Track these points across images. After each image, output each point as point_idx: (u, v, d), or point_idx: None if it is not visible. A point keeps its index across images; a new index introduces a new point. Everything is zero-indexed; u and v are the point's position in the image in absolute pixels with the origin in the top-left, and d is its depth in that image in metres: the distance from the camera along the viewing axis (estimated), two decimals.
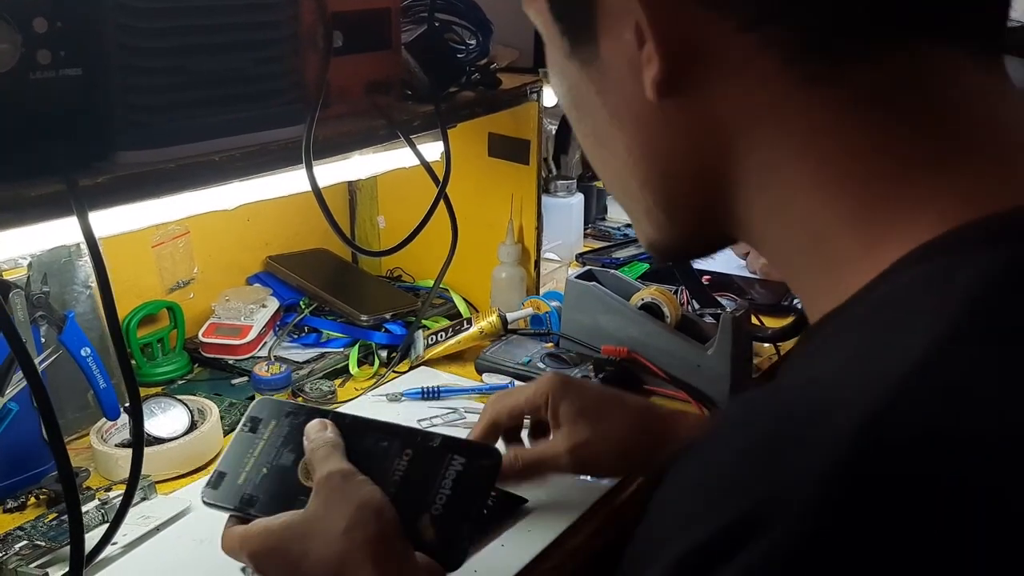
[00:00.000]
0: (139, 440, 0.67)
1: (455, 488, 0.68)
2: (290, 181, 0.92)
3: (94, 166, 0.71)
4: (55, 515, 0.84)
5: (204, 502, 0.72)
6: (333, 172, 0.98)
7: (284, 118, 0.84)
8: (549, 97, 1.23)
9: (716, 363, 1.06)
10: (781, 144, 0.39)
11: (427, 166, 1.01)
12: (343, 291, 1.28)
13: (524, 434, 0.88)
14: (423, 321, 1.25)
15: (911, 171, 0.37)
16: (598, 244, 1.73)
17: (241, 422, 0.76)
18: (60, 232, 0.74)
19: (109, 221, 0.77)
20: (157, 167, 0.74)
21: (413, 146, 0.98)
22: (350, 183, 1.43)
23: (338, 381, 1.15)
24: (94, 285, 1.03)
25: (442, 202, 1.04)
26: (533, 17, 0.47)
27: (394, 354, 1.20)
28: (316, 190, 0.87)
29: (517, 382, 1.11)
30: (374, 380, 1.15)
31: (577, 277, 1.19)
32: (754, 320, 1.20)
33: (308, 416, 0.74)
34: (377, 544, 0.63)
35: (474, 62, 1.09)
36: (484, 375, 1.15)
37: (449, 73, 1.04)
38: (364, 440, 0.72)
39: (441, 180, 1.02)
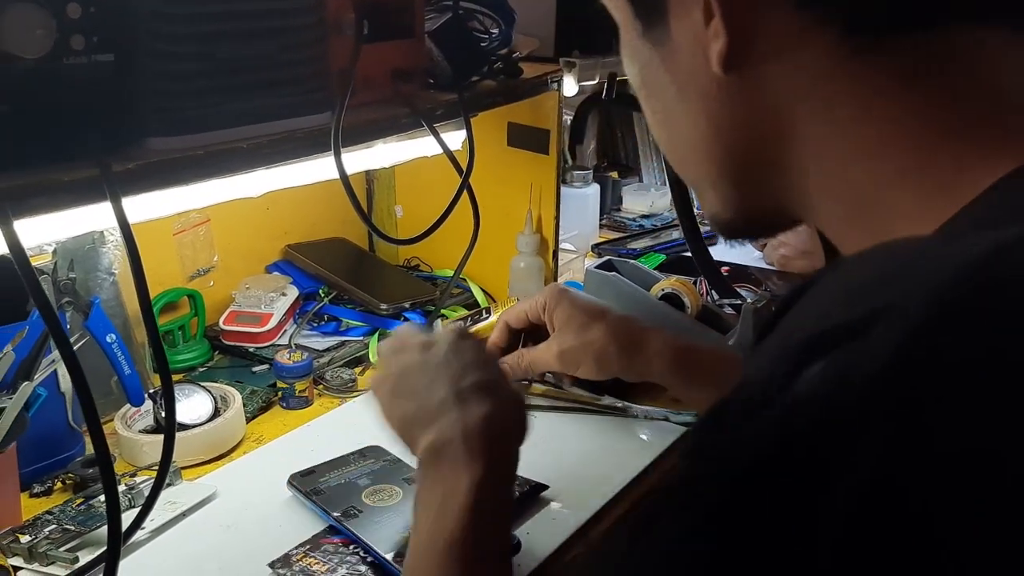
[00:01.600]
0: (171, 425, 0.67)
1: None
2: (315, 169, 0.92)
3: (125, 152, 0.71)
4: (82, 499, 0.84)
5: (288, 481, 0.86)
6: (356, 160, 0.98)
7: (310, 106, 0.84)
8: (569, 87, 1.23)
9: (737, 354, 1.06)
10: (833, 114, 0.43)
11: (450, 155, 1.01)
12: (362, 280, 1.29)
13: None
14: (441, 310, 1.25)
15: (952, 136, 0.40)
16: (613, 235, 1.73)
17: (358, 450, 0.92)
18: (84, 219, 0.75)
19: (137, 208, 0.77)
20: (187, 153, 0.74)
21: (437, 135, 0.98)
22: (367, 173, 1.44)
23: (358, 369, 1.15)
24: (117, 272, 1.03)
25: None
26: (607, 1, 0.50)
27: None
28: (344, 177, 0.87)
29: None
30: None
31: (597, 267, 1.19)
32: None
33: (397, 461, 0.89)
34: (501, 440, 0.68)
35: (496, 51, 1.09)
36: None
37: (472, 62, 1.04)
38: None
39: (464, 169, 1.01)
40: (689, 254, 1.58)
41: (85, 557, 0.76)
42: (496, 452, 0.65)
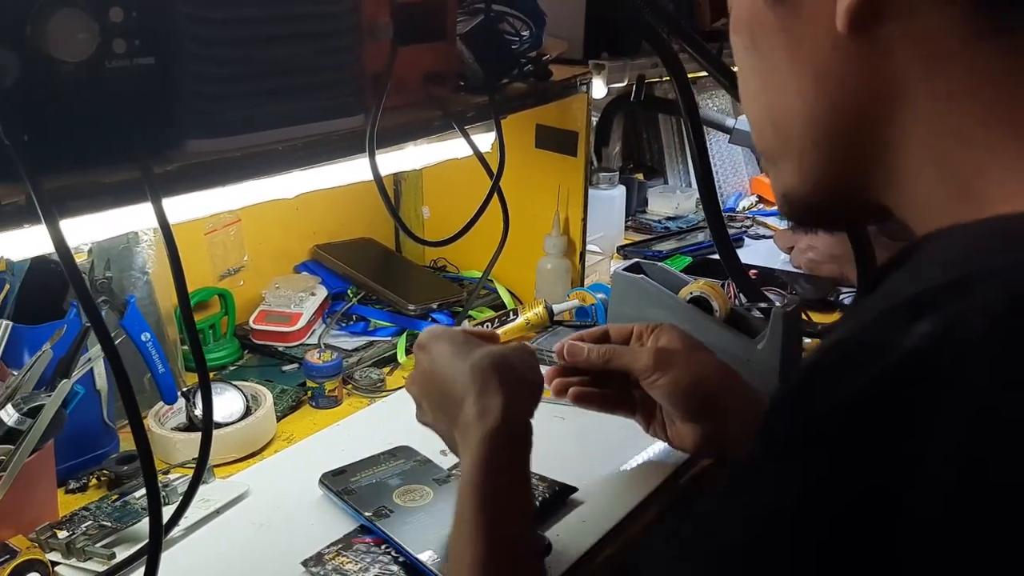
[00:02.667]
0: (208, 421, 0.68)
1: None
2: (347, 171, 0.92)
3: (165, 154, 0.72)
4: (117, 496, 0.85)
5: (319, 480, 0.87)
6: (388, 162, 0.98)
7: (345, 109, 0.85)
8: (598, 89, 1.23)
9: (766, 358, 1.06)
10: (949, 91, 0.43)
11: (481, 157, 1.02)
12: (390, 280, 1.29)
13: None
14: (468, 311, 1.26)
15: None
16: (638, 237, 1.73)
17: (388, 450, 0.92)
18: (119, 220, 0.76)
19: (174, 209, 0.78)
20: (224, 155, 0.75)
21: (468, 137, 0.98)
22: (395, 174, 1.44)
23: (386, 369, 1.16)
24: (151, 271, 1.04)
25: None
26: None
27: None
28: (378, 179, 0.87)
29: None
30: None
31: (624, 269, 1.19)
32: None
33: (427, 462, 0.89)
34: (525, 388, 0.74)
35: (526, 53, 1.09)
36: None
37: (503, 64, 1.04)
38: None
39: (496, 171, 1.02)
40: (715, 257, 1.59)
41: (121, 553, 0.77)
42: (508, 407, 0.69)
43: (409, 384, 0.82)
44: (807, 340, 1.17)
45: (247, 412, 0.97)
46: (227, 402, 0.98)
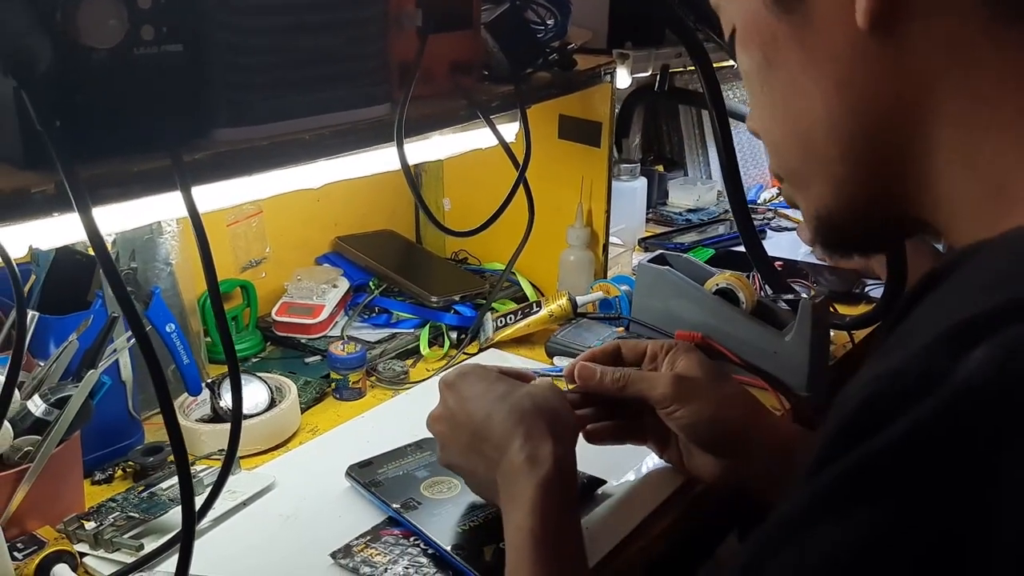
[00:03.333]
0: (238, 411, 0.67)
1: None
2: (373, 161, 0.92)
3: (193, 143, 0.71)
4: (143, 487, 0.85)
5: (346, 472, 0.86)
6: (413, 152, 0.97)
7: (372, 98, 0.84)
8: (622, 79, 1.21)
9: (794, 350, 1.05)
10: (976, 89, 0.41)
11: (507, 148, 1.01)
12: (412, 272, 1.29)
13: None
14: (491, 304, 1.25)
15: None
16: (659, 229, 1.71)
17: (415, 442, 0.91)
18: (144, 209, 0.75)
19: (200, 198, 0.77)
20: (252, 144, 0.75)
21: (494, 127, 0.97)
22: (416, 166, 1.43)
23: (409, 361, 1.15)
24: (174, 263, 1.04)
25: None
26: None
27: (464, 336, 1.20)
28: (406, 167, 0.87)
29: None
30: (445, 361, 1.16)
31: (649, 261, 1.17)
32: None
33: None
34: (569, 430, 0.74)
35: (551, 42, 1.08)
36: (555, 358, 1.15)
37: (528, 53, 1.03)
38: None
39: (521, 163, 1.01)
40: (738, 249, 1.57)
41: (149, 544, 0.76)
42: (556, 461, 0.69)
43: (433, 422, 0.79)
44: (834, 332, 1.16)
45: (272, 404, 0.97)
46: (252, 394, 0.97)
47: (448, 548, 0.74)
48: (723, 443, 0.80)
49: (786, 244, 1.65)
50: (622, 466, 0.89)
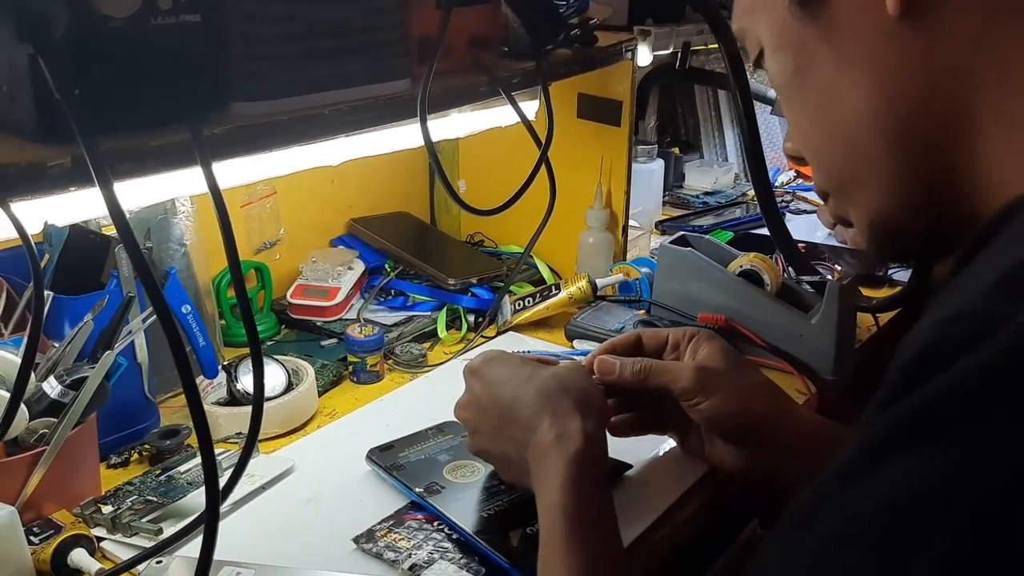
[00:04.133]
0: (260, 393, 0.65)
1: None
2: (393, 138, 0.90)
3: (211, 117, 0.69)
4: (160, 470, 0.83)
5: (367, 456, 0.84)
6: (432, 131, 0.95)
7: (392, 72, 0.82)
8: (643, 56, 1.19)
9: (820, 333, 1.03)
10: (1014, 54, 0.40)
11: (528, 125, 0.98)
12: (428, 254, 1.27)
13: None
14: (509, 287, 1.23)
15: None
16: (676, 212, 1.69)
17: (434, 426, 0.89)
18: (160, 186, 0.73)
19: (218, 175, 0.75)
20: (271, 119, 0.73)
21: (515, 104, 0.95)
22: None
23: (427, 344, 1.13)
24: (189, 243, 1.02)
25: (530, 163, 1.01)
26: (748, 6, 0.50)
27: (481, 319, 1.18)
28: (429, 143, 0.85)
29: None
30: (462, 344, 1.14)
31: (670, 243, 1.15)
32: None
33: None
34: (596, 407, 0.73)
35: (572, 18, 1.05)
36: (575, 341, 1.13)
37: (550, 29, 1.00)
38: None
39: (544, 141, 0.99)
40: (758, 231, 1.55)
41: (168, 528, 0.75)
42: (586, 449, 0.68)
43: (460, 410, 0.79)
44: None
45: (289, 387, 0.95)
46: (269, 376, 0.95)
47: (473, 533, 0.73)
48: (746, 435, 0.78)
49: (803, 227, 1.62)
50: (647, 451, 0.88)
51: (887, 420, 0.34)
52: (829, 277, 1.15)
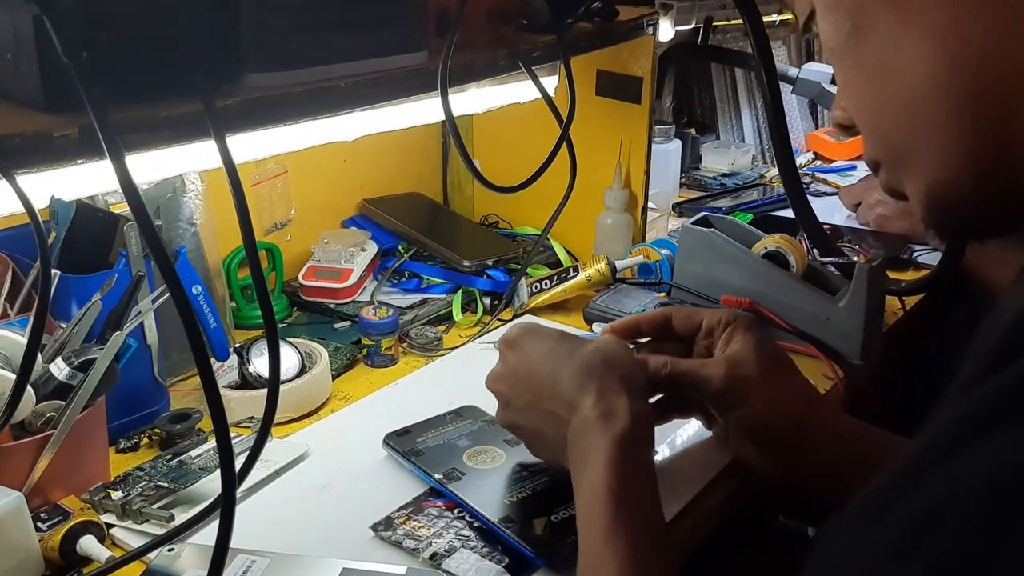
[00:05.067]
0: (275, 375, 0.63)
1: None
2: (409, 112, 0.87)
3: (224, 87, 0.66)
4: (171, 455, 0.81)
5: (384, 441, 0.82)
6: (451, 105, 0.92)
7: (408, 44, 0.79)
8: (665, 31, 1.16)
9: (848, 317, 1.00)
10: None
11: (549, 100, 0.95)
12: (442, 236, 1.24)
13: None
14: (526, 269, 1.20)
15: None
16: (692, 194, 1.66)
17: (452, 410, 0.87)
18: (171, 160, 0.71)
19: (231, 149, 0.73)
20: (286, 91, 0.70)
21: (536, 78, 0.92)
22: (443, 126, 1.38)
23: (442, 327, 1.11)
24: (199, 222, 0.99)
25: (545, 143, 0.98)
26: None
27: (497, 301, 1.15)
28: (449, 117, 0.82)
29: None
30: (478, 328, 1.11)
31: (692, 223, 1.12)
32: None
33: (495, 422, 0.78)
34: (641, 385, 0.69)
35: None
36: (594, 325, 1.10)
37: (570, 1, 0.97)
38: None
39: (565, 117, 0.96)
40: (777, 213, 1.52)
41: (179, 515, 0.72)
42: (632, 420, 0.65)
43: (493, 381, 0.75)
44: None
45: (302, 370, 0.93)
46: (282, 359, 0.91)
47: (496, 521, 0.70)
48: (777, 441, 0.75)
49: (822, 209, 1.59)
50: (671, 439, 0.85)
51: (988, 392, 0.32)
52: (855, 259, 1.12)
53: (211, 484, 0.77)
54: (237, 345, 0.93)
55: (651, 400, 0.79)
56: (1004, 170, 0.43)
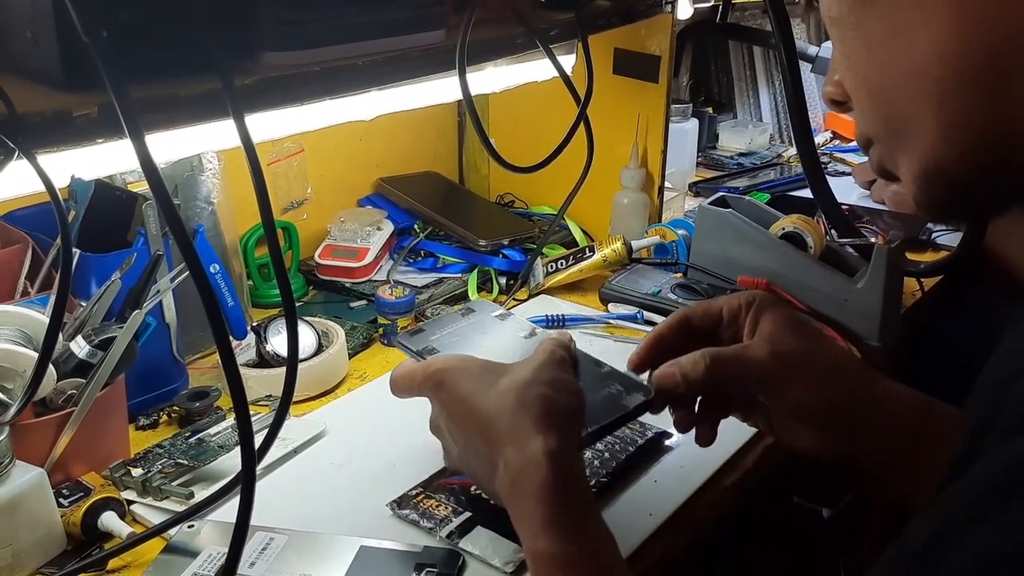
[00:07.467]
0: (294, 353, 0.63)
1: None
2: (427, 91, 0.86)
3: (241, 66, 0.66)
4: (190, 432, 0.82)
5: (397, 341, 0.78)
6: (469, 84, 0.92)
7: (426, 22, 0.78)
8: (683, 8, 1.14)
9: (867, 298, 0.99)
10: None
11: (567, 79, 0.95)
12: (458, 215, 1.24)
13: None
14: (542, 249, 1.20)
15: None
16: (709, 174, 1.65)
17: (459, 309, 0.82)
18: (189, 139, 0.71)
19: (251, 128, 0.72)
20: (303, 69, 0.69)
21: (553, 57, 0.91)
22: (459, 105, 1.38)
23: (458, 306, 1.10)
24: (216, 201, 1.00)
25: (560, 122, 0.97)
26: None
27: (513, 281, 1.15)
28: (467, 95, 0.81)
29: (647, 313, 1.06)
30: None
31: (709, 203, 1.12)
32: None
33: (506, 316, 0.76)
34: (564, 415, 0.60)
35: None
36: (610, 305, 1.10)
37: None
38: None
39: (583, 96, 0.95)
40: (794, 194, 1.51)
41: (199, 492, 0.73)
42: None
43: (433, 429, 0.69)
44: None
45: (319, 348, 0.93)
46: (299, 338, 0.93)
47: None
48: (829, 418, 0.67)
49: (839, 189, 1.57)
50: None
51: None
52: (874, 240, 1.11)
53: (229, 462, 0.77)
54: (255, 324, 0.94)
55: (696, 402, 0.71)
56: (1000, 145, 0.42)
